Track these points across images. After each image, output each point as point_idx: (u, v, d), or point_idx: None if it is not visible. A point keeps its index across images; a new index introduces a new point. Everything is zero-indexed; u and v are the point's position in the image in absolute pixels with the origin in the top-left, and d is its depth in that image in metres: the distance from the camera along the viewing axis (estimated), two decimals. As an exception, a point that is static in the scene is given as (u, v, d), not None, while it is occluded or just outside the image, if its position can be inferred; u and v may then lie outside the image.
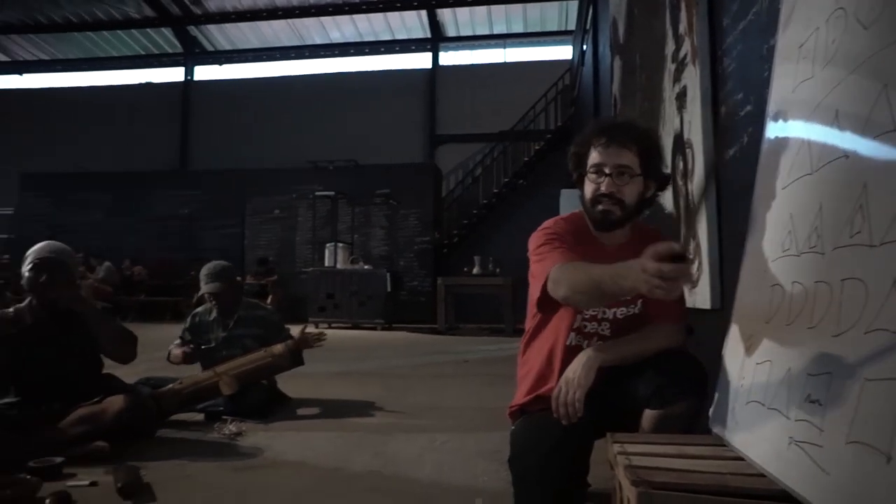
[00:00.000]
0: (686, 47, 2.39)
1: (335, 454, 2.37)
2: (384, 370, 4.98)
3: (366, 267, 10.05)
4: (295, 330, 3.37)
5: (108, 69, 15.43)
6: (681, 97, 2.47)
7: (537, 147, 11.93)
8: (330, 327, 9.50)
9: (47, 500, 1.75)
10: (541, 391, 1.61)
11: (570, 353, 1.56)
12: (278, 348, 3.08)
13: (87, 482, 1.94)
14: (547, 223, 1.67)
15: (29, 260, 2.45)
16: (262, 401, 3.04)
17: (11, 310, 2.46)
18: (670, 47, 2.69)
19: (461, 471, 2.15)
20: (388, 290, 9.62)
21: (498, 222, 11.69)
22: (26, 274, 2.44)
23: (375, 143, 12.90)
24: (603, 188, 1.54)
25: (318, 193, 11.19)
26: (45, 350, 2.40)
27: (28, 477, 1.86)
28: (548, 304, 1.50)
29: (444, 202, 12.60)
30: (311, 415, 3.15)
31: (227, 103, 14.17)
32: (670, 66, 2.69)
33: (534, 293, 1.56)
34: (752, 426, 1.16)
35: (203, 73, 14.96)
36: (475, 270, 9.05)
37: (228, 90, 14.47)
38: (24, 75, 15.78)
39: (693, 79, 2.26)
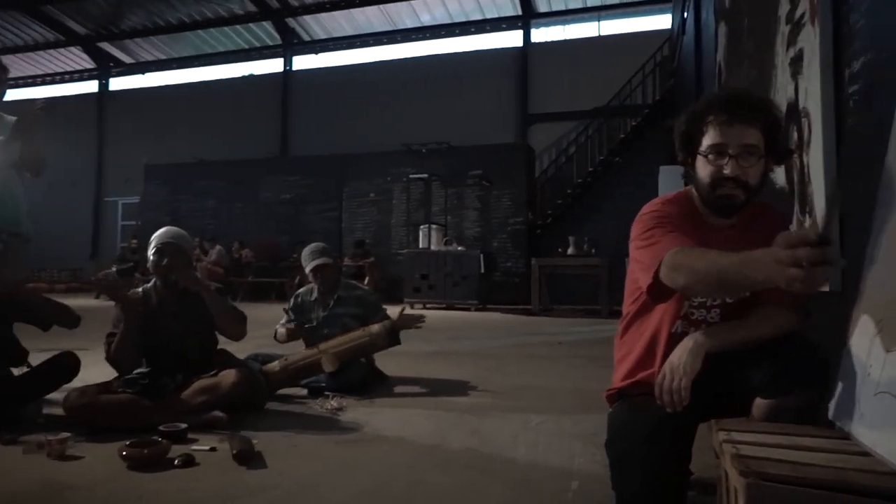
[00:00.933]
0: (803, 6, 2.18)
1: (432, 431, 2.42)
2: (478, 350, 5.02)
3: (459, 248, 10.13)
4: (392, 310, 3.47)
5: (215, 64, 16.41)
6: (796, 62, 2.28)
7: (634, 123, 11.48)
8: (425, 307, 9.69)
9: (176, 461, 1.93)
10: (641, 376, 1.55)
11: (675, 341, 1.47)
12: (376, 328, 3.18)
13: (207, 447, 2.10)
14: (651, 205, 1.56)
15: (153, 245, 2.67)
16: (361, 378, 3.16)
17: (140, 290, 2.70)
18: (784, 7, 2.48)
19: (557, 452, 2.13)
20: (482, 270, 9.65)
21: (593, 202, 11.39)
22: (151, 257, 2.67)
23: (467, 124, 12.91)
24: (727, 171, 1.40)
25: (411, 176, 11.39)
26: (168, 326, 2.62)
27: (160, 440, 2.05)
28: (661, 293, 1.38)
29: (537, 182, 12.42)
30: (408, 392, 3.23)
31: (323, 91, 14.67)
32: (784, 29, 2.48)
33: (641, 279, 1.46)
34: (883, 420, 1.07)
35: (301, 62, 15.54)
36: (570, 251, 8.89)
37: (324, 78, 14.96)
38: (146, 74, 17.10)
39: (811, 40, 2.07)
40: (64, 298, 3.02)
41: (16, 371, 2.61)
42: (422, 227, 10.70)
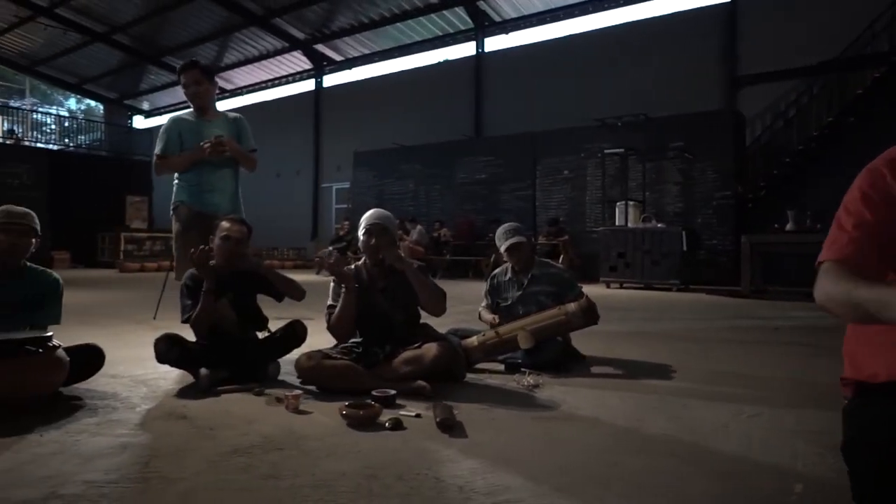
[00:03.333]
0: None
1: (629, 414, 2.34)
2: (679, 332, 4.73)
3: (659, 225, 9.61)
4: (587, 288, 3.40)
5: (412, 53, 17.31)
6: None
7: (876, 75, 9.74)
8: (622, 287, 9.38)
9: (386, 424, 2.11)
10: None
11: None
12: (572, 306, 3.14)
13: (413, 413, 2.27)
14: (881, 162, 1.20)
15: (362, 226, 2.92)
16: (556, 356, 3.16)
17: (353, 267, 2.98)
18: None
19: (775, 449, 1.93)
20: (684, 248, 9.05)
21: (818, 171, 9.94)
22: (360, 237, 2.93)
23: (666, 93, 12.06)
24: None
25: (606, 151, 11.00)
26: (377, 301, 2.86)
27: (373, 403, 2.26)
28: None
29: (747, 151, 11.22)
30: (604, 373, 3.16)
31: (514, 70, 14.73)
32: None
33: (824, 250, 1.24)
34: None
35: (492, 44, 15.75)
36: (788, 226, 7.93)
37: (515, 57, 15.00)
38: (353, 69, 18.67)
39: None
40: (291, 274, 3.45)
41: (260, 335, 3.06)
42: (618, 203, 10.32)
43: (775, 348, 4.04)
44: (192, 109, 3.59)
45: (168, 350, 2.73)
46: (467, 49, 16.10)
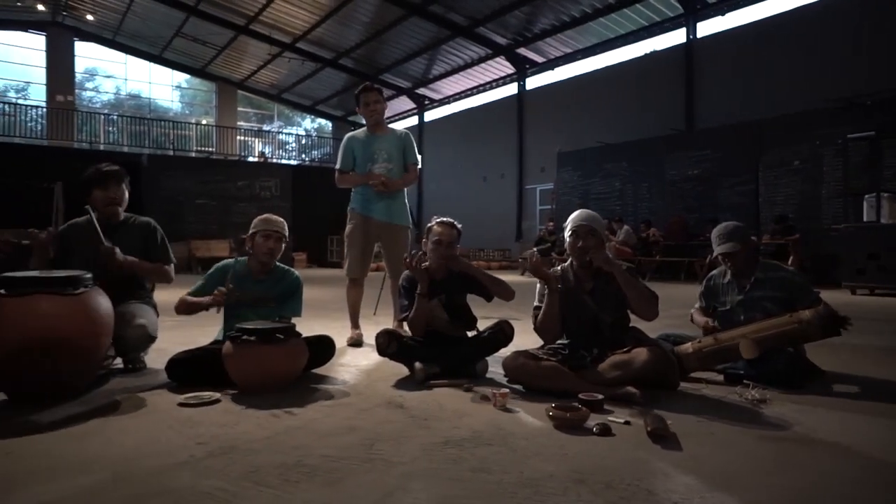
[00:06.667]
0: None
1: (887, 443, 1.99)
2: (955, 351, 3.89)
3: (924, 220, 8.05)
4: (824, 294, 2.96)
5: (616, 48, 16.65)
6: None
7: None
8: (872, 294, 8.05)
9: (594, 428, 2.07)
10: None
11: None
12: (806, 314, 2.76)
13: (622, 420, 2.18)
14: None
15: (569, 227, 2.89)
16: (787, 369, 2.80)
17: (559, 269, 2.97)
18: None
19: None
20: (962, 248, 7.46)
21: None
22: (567, 239, 2.90)
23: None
24: None
25: (850, 136, 9.48)
26: (584, 303, 2.81)
27: (580, 406, 2.23)
28: None
29: None
30: (849, 393, 2.73)
31: (731, 54, 13.38)
32: None
33: None
34: None
35: (705, 28, 14.50)
36: None
37: (733, 39, 13.61)
38: (555, 69, 18.60)
39: None
40: (497, 274, 3.54)
41: (469, 334, 3.20)
42: (867, 196, 8.83)
43: None
44: (364, 127, 4.26)
45: (387, 344, 2.99)
46: (676, 37, 15.03)
